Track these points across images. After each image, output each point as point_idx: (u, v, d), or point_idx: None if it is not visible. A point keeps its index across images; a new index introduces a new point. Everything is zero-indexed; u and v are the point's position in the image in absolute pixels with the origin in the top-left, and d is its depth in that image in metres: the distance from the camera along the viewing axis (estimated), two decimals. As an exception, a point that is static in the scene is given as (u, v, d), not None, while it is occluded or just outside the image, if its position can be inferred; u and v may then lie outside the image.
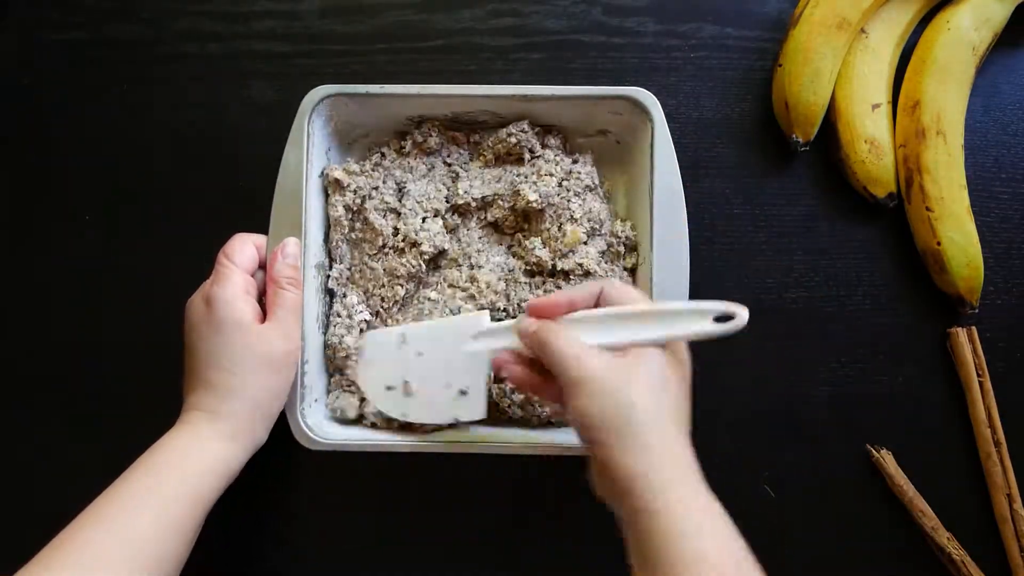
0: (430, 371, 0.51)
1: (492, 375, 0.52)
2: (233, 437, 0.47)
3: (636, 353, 0.43)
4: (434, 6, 0.60)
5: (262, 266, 0.52)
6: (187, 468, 0.45)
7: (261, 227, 0.52)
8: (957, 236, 0.55)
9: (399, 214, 0.55)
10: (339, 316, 0.54)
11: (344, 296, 0.55)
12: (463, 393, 0.50)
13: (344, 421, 0.54)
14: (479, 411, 0.50)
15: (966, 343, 0.56)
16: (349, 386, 0.55)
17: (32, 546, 0.41)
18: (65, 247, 0.59)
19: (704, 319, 0.43)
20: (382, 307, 0.55)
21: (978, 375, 0.56)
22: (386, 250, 0.55)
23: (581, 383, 0.41)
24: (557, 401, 0.45)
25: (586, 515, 0.57)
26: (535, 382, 0.46)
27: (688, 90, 0.60)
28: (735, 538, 0.39)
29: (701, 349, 0.57)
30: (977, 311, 0.57)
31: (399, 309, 0.55)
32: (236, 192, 0.58)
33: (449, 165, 0.57)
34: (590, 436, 0.42)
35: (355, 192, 0.55)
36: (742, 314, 0.43)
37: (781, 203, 0.59)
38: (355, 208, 0.55)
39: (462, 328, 0.50)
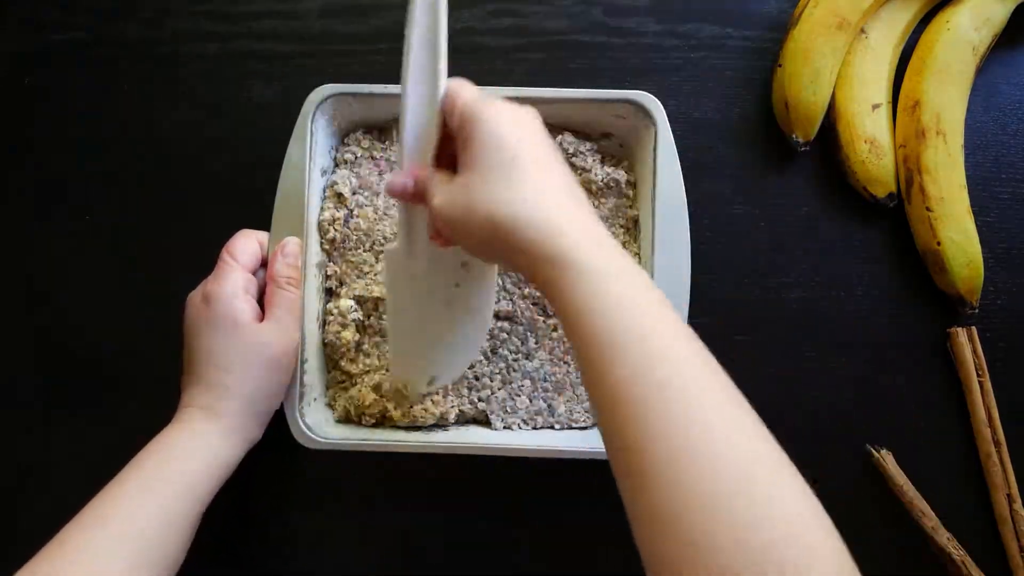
0: (434, 306, 0.49)
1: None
2: (229, 434, 0.47)
3: (467, 150, 0.39)
4: (434, 6, 0.60)
5: (265, 264, 0.52)
6: (184, 465, 0.45)
7: (261, 227, 0.53)
8: (957, 236, 0.55)
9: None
10: (331, 315, 0.54)
11: (338, 297, 0.55)
12: (465, 265, 0.47)
13: (345, 420, 0.54)
14: (487, 280, 0.49)
15: (966, 343, 0.56)
16: (342, 383, 0.55)
17: (31, 546, 0.41)
18: (65, 247, 0.59)
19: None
20: (373, 310, 0.55)
21: (978, 375, 0.56)
22: (375, 251, 0.55)
23: (443, 223, 0.40)
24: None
25: (587, 517, 0.57)
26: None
27: (688, 90, 0.60)
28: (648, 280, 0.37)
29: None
30: (977, 311, 0.57)
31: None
32: (236, 192, 0.58)
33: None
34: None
35: (353, 194, 0.55)
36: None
37: (781, 203, 0.59)
38: (350, 208, 0.55)
39: (395, 274, 0.48)
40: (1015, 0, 0.57)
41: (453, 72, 0.60)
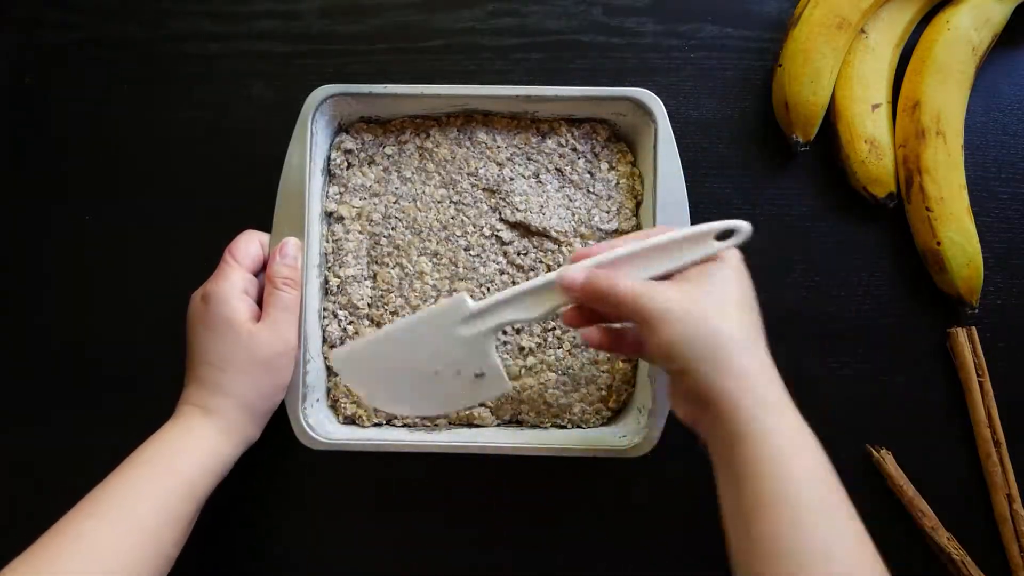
0: (431, 363, 0.48)
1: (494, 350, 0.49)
2: (224, 432, 0.48)
3: (701, 274, 0.43)
4: (434, 6, 0.61)
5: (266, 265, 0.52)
6: (181, 461, 0.46)
7: (262, 227, 0.53)
8: (957, 236, 0.55)
9: (398, 217, 0.55)
10: (335, 315, 0.54)
11: (340, 296, 0.55)
12: (479, 376, 0.48)
13: (349, 420, 0.54)
14: (504, 386, 0.48)
15: (966, 343, 0.56)
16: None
17: (27, 537, 0.41)
18: (65, 248, 0.59)
19: (708, 241, 0.44)
20: (375, 311, 0.55)
21: (978, 375, 0.56)
22: (380, 255, 0.55)
23: (662, 317, 0.40)
24: (633, 352, 0.46)
25: (588, 517, 0.57)
26: (609, 337, 0.46)
27: (688, 90, 0.60)
28: (824, 457, 0.40)
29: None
30: (977, 311, 0.57)
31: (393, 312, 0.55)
32: (236, 193, 0.58)
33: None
34: (679, 367, 0.41)
35: (358, 197, 0.55)
36: (744, 227, 0.44)
37: (781, 203, 0.59)
38: (353, 215, 0.55)
39: (444, 316, 0.47)
40: (1015, 0, 0.57)
41: (451, 70, 0.61)
